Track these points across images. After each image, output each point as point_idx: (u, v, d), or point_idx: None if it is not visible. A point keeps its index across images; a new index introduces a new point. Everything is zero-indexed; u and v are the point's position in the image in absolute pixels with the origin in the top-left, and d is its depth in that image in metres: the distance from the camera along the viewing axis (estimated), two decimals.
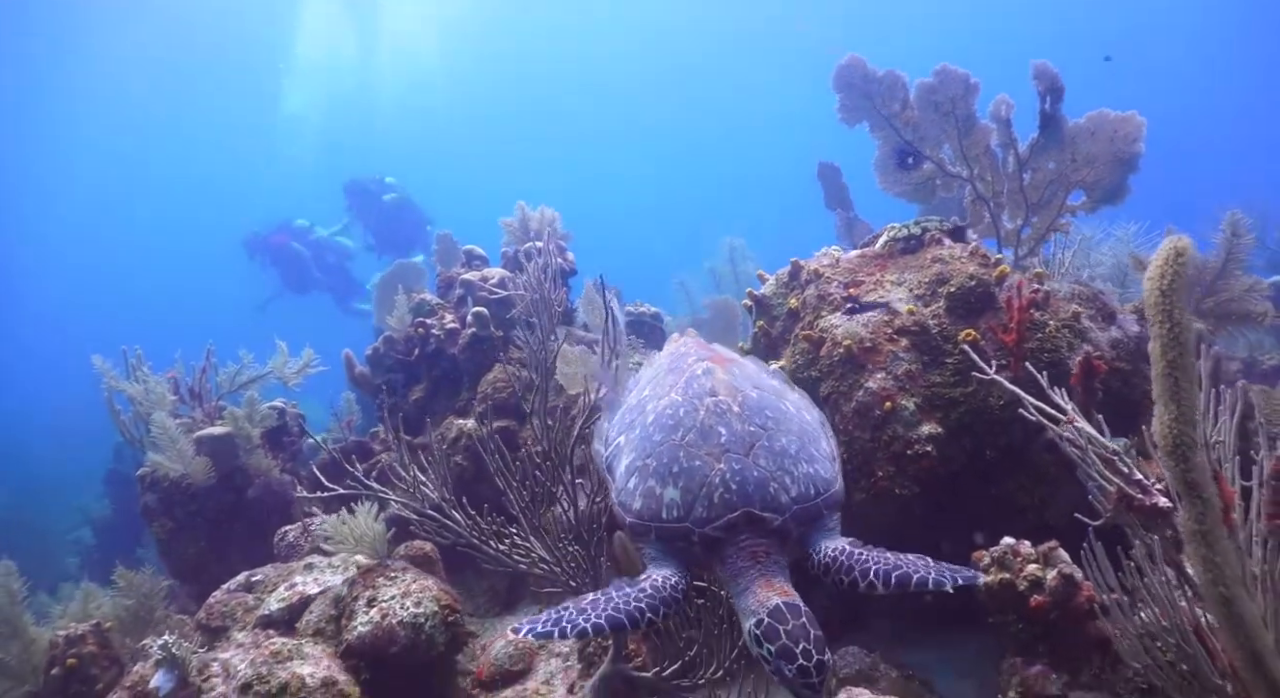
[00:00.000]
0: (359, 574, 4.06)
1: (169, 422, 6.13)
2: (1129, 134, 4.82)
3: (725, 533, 2.69)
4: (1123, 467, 2.93)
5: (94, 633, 4.86)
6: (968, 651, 4.20)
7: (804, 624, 2.38)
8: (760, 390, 3.10)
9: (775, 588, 2.56)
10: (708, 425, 2.89)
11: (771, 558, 2.65)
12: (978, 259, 4.48)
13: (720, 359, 3.31)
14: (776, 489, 2.71)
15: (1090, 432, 3.01)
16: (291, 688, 3.39)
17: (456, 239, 7.79)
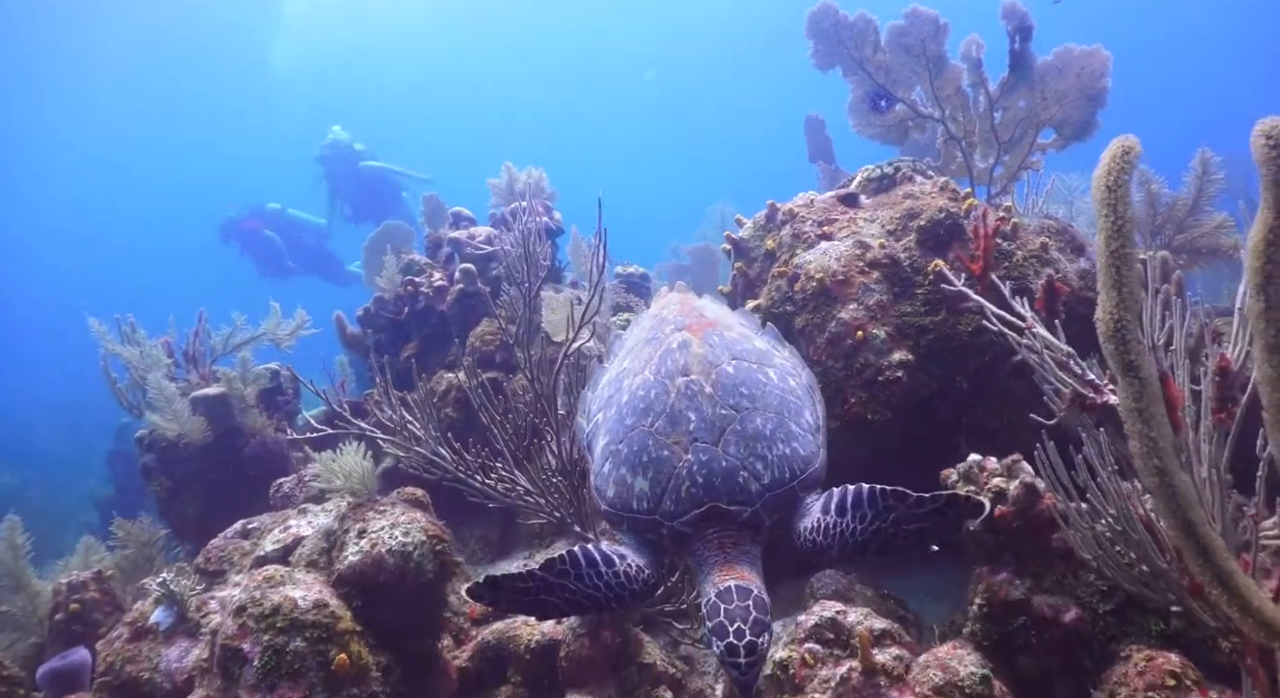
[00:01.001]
0: (349, 509, 4.18)
1: (165, 382, 6.25)
2: (1095, 69, 4.90)
3: (692, 528, 2.68)
4: (1076, 368, 3.03)
5: (95, 580, 4.99)
6: (946, 578, 4.33)
7: (746, 606, 2.39)
8: (739, 361, 3.01)
9: (734, 573, 2.56)
10: (677, 410, 2.84)
11: (740, 548, 2.64)
12: (948, 193, 4.58)
13: (699, 326, 3.24)
14: (746, 479, 2.67)
15: (1047, 336, 3.12)
16: (284, 610, 3.51)
17: (443, 200, 7.90)
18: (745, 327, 3.47)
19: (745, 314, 3.69)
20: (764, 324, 3.63)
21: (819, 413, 3.06)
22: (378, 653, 3.79)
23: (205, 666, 4.00)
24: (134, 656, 4.22)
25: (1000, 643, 3.41)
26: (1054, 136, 5.12)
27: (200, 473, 6.43)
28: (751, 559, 2.65)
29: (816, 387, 3.22)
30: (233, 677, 3.47)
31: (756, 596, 2.45)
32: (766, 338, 3.43)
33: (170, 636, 4.26)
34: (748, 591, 2.46)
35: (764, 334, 3.47)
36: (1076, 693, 3.32)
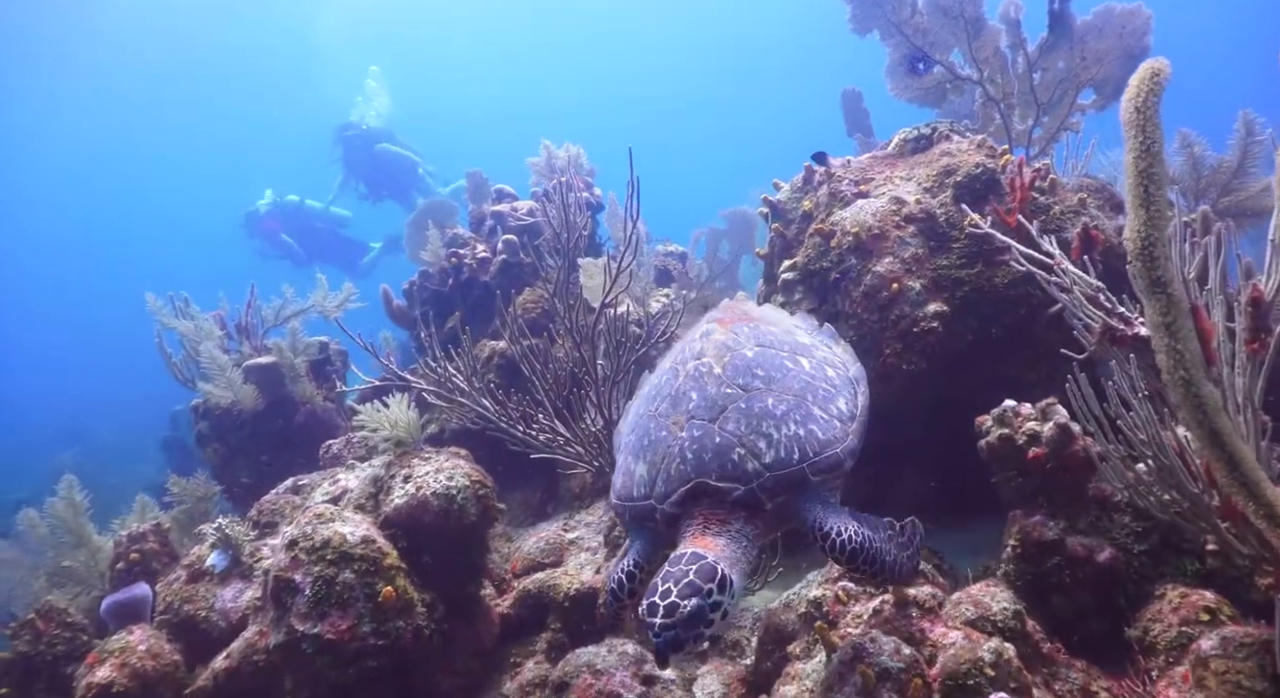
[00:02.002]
0: (395, 456, 4.32)
1: (217, 352, 6.48)
2: (1137, 28, 4.88)
3: (680, 508, 2.52)
4: (1106, 302, 3.06)
5: (154, 532, 5.19)
6: (983, 535, 4.33)
7: (687, 571, 2.22)
8: (764, 348, 2.88)
9: (700, 542, 2.41)
10: (681, 391, 2.72)
11: (726, 527, 2.46)
12: (985, 150, 4.59)
13: (733, 319, 3.13)
14: (743, 455, 2.49)
15: (1076, 272, 3.14)
16: (334, 543, 3.66)
17: (487, 177, 8.05)
18: (799, 328, 3.32)
19: (804, 317, 3.55)
20: (821, 325, 3.48)
21: (859, 405, 2.86)
22: (422, 591, 3.93)
23: (258, 604, 4.17)
24: (191, 596, 4.41)
25: (1033, 583, 3.44)
26: (1094, 97, 5.11)
27: (252, 439, 6.65)
28: (734, 538, 2.45)
29: (863, 381, 3.02)
30: (285, 606, 3.62)
31: (706, 564, 2.26)
32: (820, 336, 3.30)
33: (225, 578, 4.45)
34: (699, 557, 2.29)
35: (819, 333, 3.32)
36: (1110, 632, 3.34)
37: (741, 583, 2.41)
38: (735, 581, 2.33)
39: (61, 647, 4.79)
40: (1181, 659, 3.00)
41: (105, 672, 3.75)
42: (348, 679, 3.60)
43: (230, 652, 4.03)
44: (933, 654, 3.08)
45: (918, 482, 4.67)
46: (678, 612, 2.14)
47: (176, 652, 4.05)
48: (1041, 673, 3.13)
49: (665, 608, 2.15)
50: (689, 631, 2.15)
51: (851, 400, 2.85)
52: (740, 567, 2.42)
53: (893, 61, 5.48)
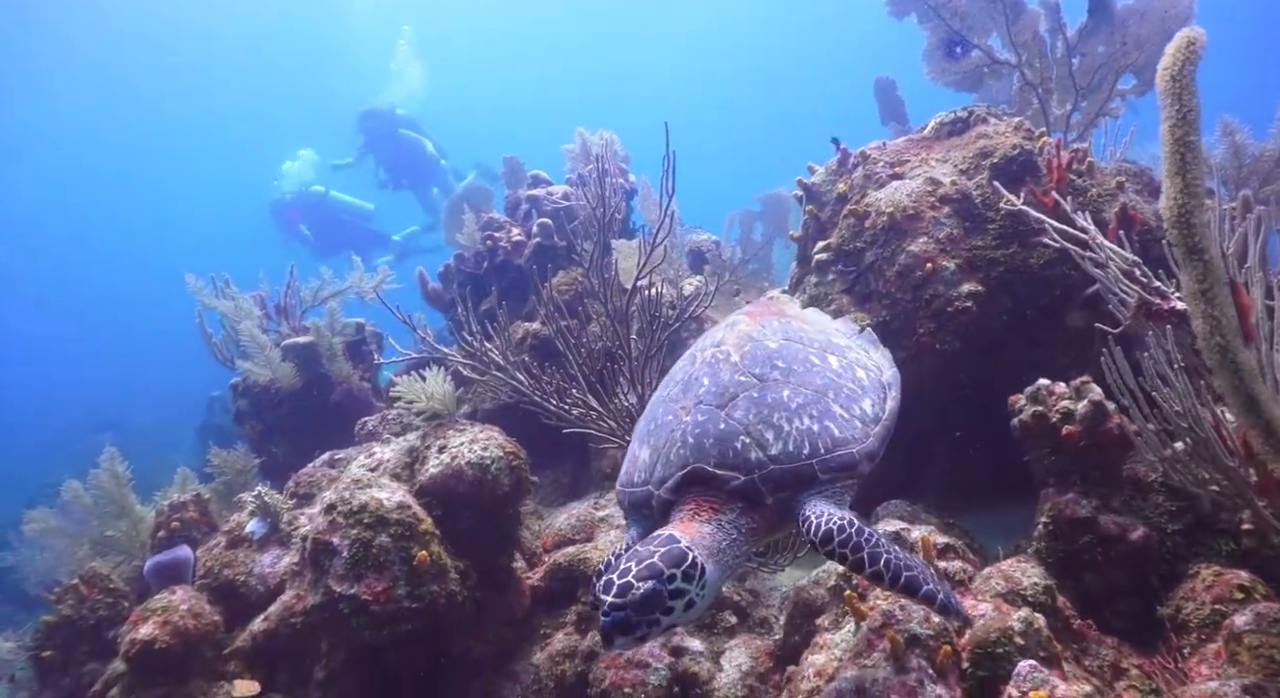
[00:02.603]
0: (430, 428, 4.40)
1: (257, 330, 6.60)
2: (1179, 13, 4.84)
3: (675, 495, 2.38)
4: (1143, 277, 3.05)
5: (195, 502, 5.31)
6: (1015, 517, 4.32)
7: (653, 552, 2.07)
8: (791, 343, 2.75)
9: (680, 526, 2.26)
10: (694, 377, 2.60)
11: (717, 515, 2.30)
12: (1022, 132, 4.58)
13: (763, 312, 3.02)
14: (746, 444, 2.34)
15: (1111, 247, 3.13)
16: (370, 508, 3.73)
17: (522, 162, 8.13)
18: (838, 330, 3.17)
19: (846, 322, 3.41)
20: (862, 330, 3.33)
21: (887, 409, 2.67)
22: (456, 559, 3.99)
23: (296, 569, 4.26)
24: (231, 561, 4.51)
25: (1065, 560, 3.44)
26: (1134, 82, 5.07)
27: (289, 417, 6.77)
28: (722, 528, 2.29)
29: (896, 387, 2.84)
30: (323, 568, 3.70)
31: (677, 548, 2.11)
32: (859, 340, 3.15)
33: (263, 544, 4.55)
34: (673, 539, 2.14)
35: (859, 337, 3.17)
36: (1142, 611, 3.33)
37: (719, 577, 2.24)
38: (710, 572, 2.16)
39: (104, 611, 4.93)
40: (1214, 636, 2.99)
41: (148, 629, 3.85)
42: (383, 641, 3.68)
43: (269, 614, 4.13)
44: (962, 627, 3.09)
45: (949, 464, 4.66)
46: (630, 593, 1.99)
47: (216, 613, 4.15)
48: (1071, 648, 3.12)
49: (619, 587, 2.01)
50: (642, 614, 1.99)
51: (879, 403, 2.67)
52: (721, 560, 2.25)
53: (930, 45, 5.47)
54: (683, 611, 2.08)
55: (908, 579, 2.27)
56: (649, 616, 2.02)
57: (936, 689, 2.77)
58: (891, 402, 2.73)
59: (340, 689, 3.90)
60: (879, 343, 3.21)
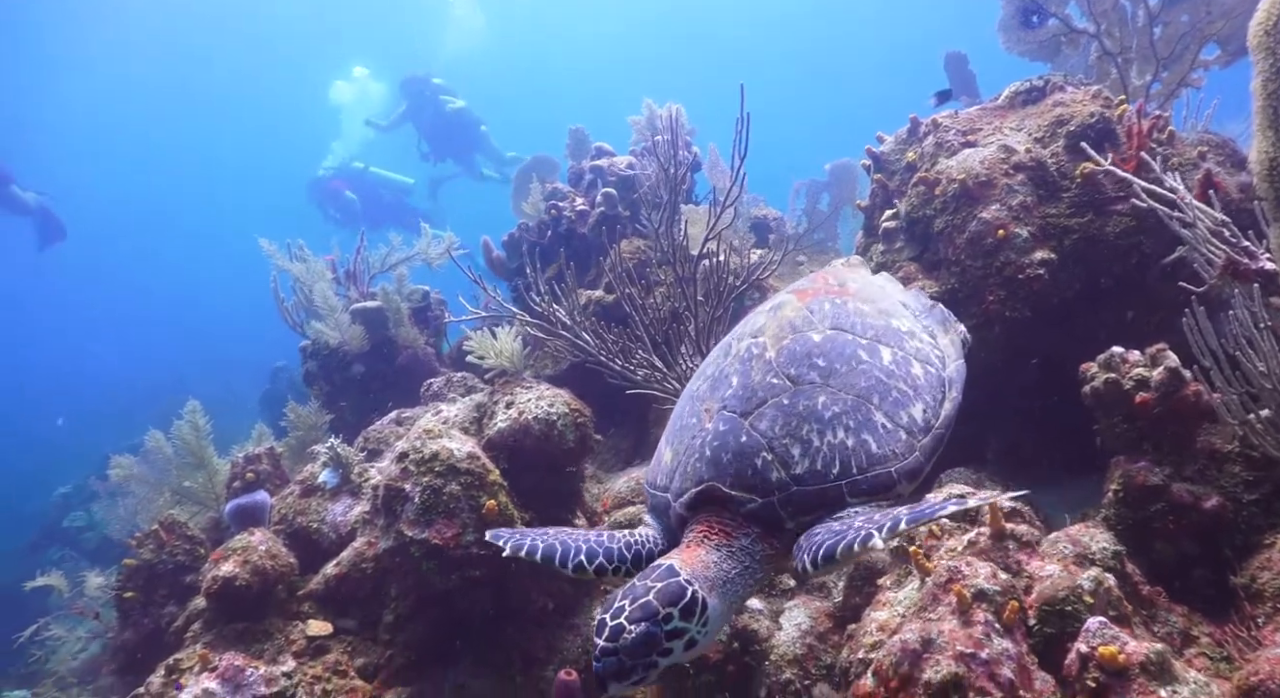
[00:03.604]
0: (498, 384, 4.50)
1: (330, 292, 6.78)
2: None
3: (688, 512, 2.26)
4: (1231, 237, 2.99)
5: (268, 455, 5.50)
6: (1081, 494, 4.27)
7: (649, 589, 1.96)
8: (841, 332, 2.51)
9: (683, 555, 2.13)
10: (724, 373, 2.43)
11: (729, 541, 2.16)
12: (1100, 100, 4.49)
13: (817, 291, 2.79)
14: (767, 462, 2.16)
15: (1200, 206, 3.08)
16: (441, 456, 3.84)
17: (588, 133, 8.19)
18: (905, 307, 2.94)
19: (916, 294, 3.16)
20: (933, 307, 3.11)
21: (943, 413, 2.46)
22: (522, 511, 4.08)
23: (366, 518, 4.39)
24: (304, 509, 4.67)
25: (1135, 528, 3.40)
26: (1218, 53, 4.93)
27: (356, 379, 6.94)
28: (732, 556, 2.14)
29: (958, 383, 2.61)
30: (395, 513, 3.81)
31: (674, 584, 1.98)
32: (927, 320, 2.92)
33: (335, 494, 4.69)
34: (672, 573, 2.01)
35: (928, 315, 2.95)
36: (1213, 581, 3.28)
37: (725, 610, 2.11)
38: (714, 606, 2.03)
39: (181, 557, 5.13)
40: None
41: (229, 567, 4.01)
42: (450, 586, 3.79)
43: (340, 560, 4.27)
44: (1029, 585, 3.08)
45: (1013, 436, 4.62)
46: (622, 636, 1.88)
47: (291, 556, 4.30)
48: (1140, 614, 3.09)
49: (611, 630, 1.90)
50: (636, 658, 1.89)
51: (932, 407, 2.43)
52: (729, 591, 2.11)
53: (1006, 14, 5.39)
54: (683, 650, 1.96)
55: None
56: (644, 658, 1.90)
57: (1003, 643, 2.77)
58: (949, 404, 2.49)
59: (408, 633, 4.03)
60: (950, 323, 2.97)
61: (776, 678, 3.73)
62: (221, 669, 3.71)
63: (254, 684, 3.71)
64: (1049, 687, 2.75)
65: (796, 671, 3.77)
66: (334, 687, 3.85)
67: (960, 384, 2.61)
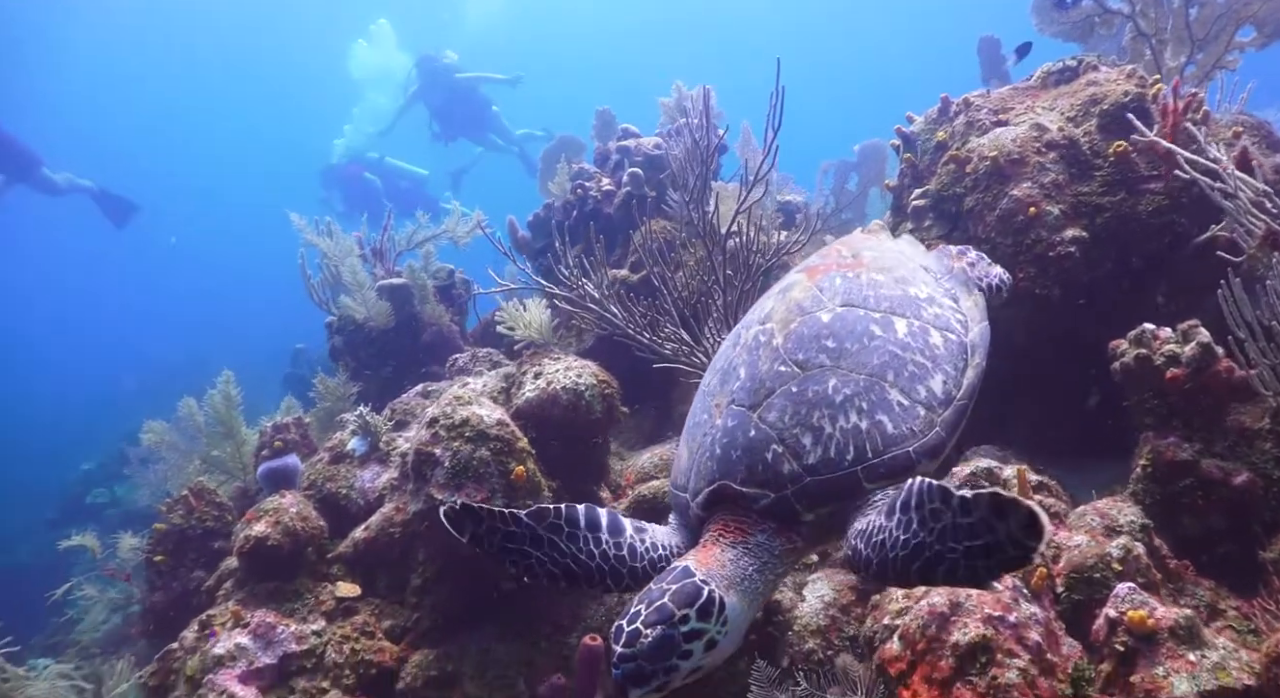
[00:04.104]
0: (526, 355, 4.54)
1: (359, 267, 6.84)
2: None
3: (705, 511, 2.21)
4: (1272, 208, 2.99)
5: (296, 424, 5.58)
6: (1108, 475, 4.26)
7: (664, 591, 1.91)
8: (852, 308, 2.38)
9: (698, 556, 2.07)
10: (733, 365, 2.36)
11: (746, 537, 2.09)
12: (1134, 80, 4.47)
13: (828, 267, 2.64)
14: (778, 455, 2.08)
15: (1242, 176, 3.07)
16: (471, 422, 3.88)
17: (614, 114, 8.21)
18: (925, 271, 2.78)
19: (940, 255, 3.00)
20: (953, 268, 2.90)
21: (965, 382, 2.31)
22: (549, 479, 4.12)
23: (395, 484, 4.45)
24: (333, 475, 4.73)
25: (1163, 503, 3.40)
26: (1254, 35, 4.90)
27: (381, 355, 7.01)
28: (749, 552, 2.07)
29: (981, 348, 2.45)
30: (425, 478, 3.86)
31: (690, 585, 1.93)
32: (949, 282, 2.76)
33: (364, 461, 4.76)
34: (687, 574, 1.96)
35: (949, 278, 2.79)
36: (1241, 556, 3.28)
37: (746, 608, 2.04)
38: (733, 605, 1.97)
39: (210, 523, 5.22)
40: None
41: (261, 527, 4.08)
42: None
43: (369, 524, 4.33)
44: (1056, 554, 3.10)
45: (1038, 417, 4.61)
46: (639, 641, 1.83)
47: (321, 519, 4.36)
48: (1168, 587, 3.10)
49: (628, 635, 1.85)
50: (655, 663, 1.83)
51: (953, 377, 2.28)
52: (749, 588, 2.05)
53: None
54: (703, 652, 1.89)
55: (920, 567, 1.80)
56: (664, 663, 1.84)
57: (1031, 608, 2.79)
58: (972, 372, 2.34)
59: (435, 597, 4.08)
60: (973, 284, 2.80)
61: (799, 648, 3.75)
62: (254, 625, 3.77)
63: (285, 641, 3.78)
64: (1076, 652, 2.78)
65: (819, 641, 3.79)
66: (362, 647, 3.91)
67: (984, 349, 2.45)
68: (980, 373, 2.36)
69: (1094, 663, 2.70)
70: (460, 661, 3.90)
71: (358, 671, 3.85)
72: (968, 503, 1.65)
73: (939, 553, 1.71)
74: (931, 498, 1.75)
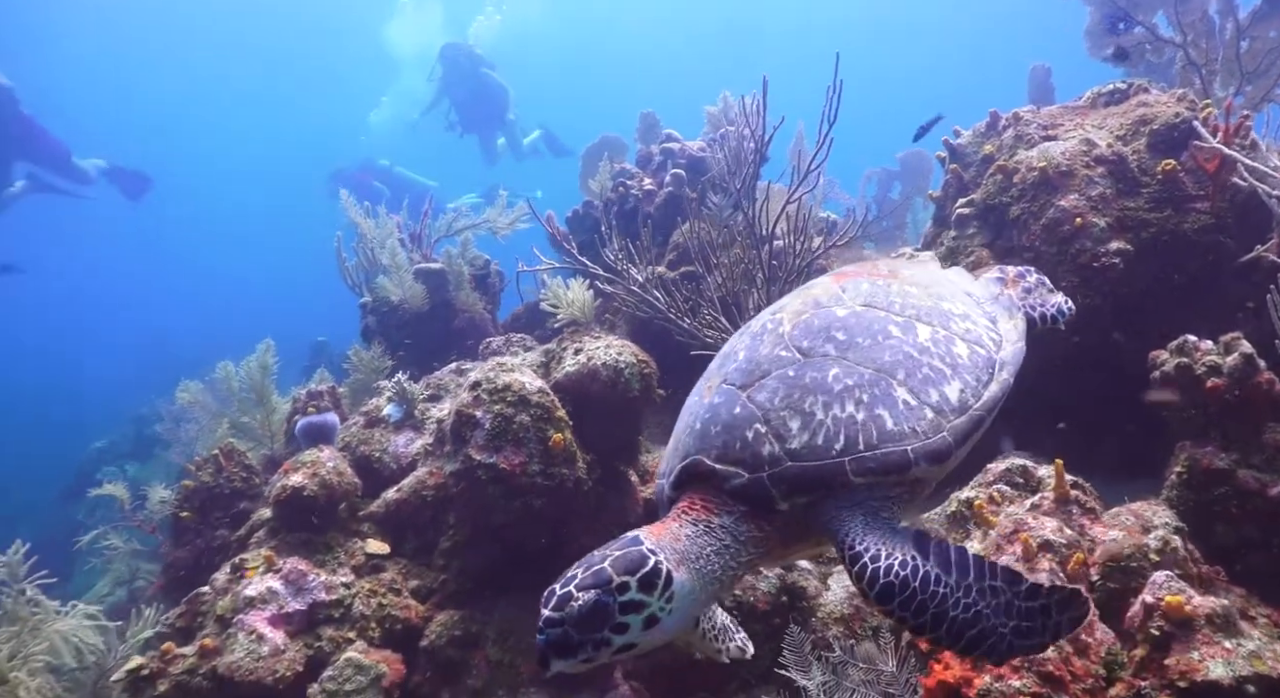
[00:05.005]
0: (567, 332, 4.61)
1: (399, 248, 6.95)
2: None
3: (676, 492, 2.03)
4: None
5: (330, 393, 5.65)
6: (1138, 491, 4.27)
7: (606, 556, 1.75)
8: (872, 309, 2.24)
9: (659, 527, 1.92)
10: (733, 349, 2.23)
11: (710, 517, 1.92)
12: (1185, 102, 4.54)
13: (860, 273, 2.53)
14: (759, 434, 1.92)
15: None
16: (513, 388, 3.94)
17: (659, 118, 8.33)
18: (966, 296, 2.58)
19: (989, 282, 2.81)
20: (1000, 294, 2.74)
21: (985, 396, 2.13)
22: (584, 451, 4.17)
23: (429, 450, 4.51)
24: (367, 439, 4.80)
25: (1197, 510, 3.41)
26: None
27: (414, 337, 7.09)
28: (709, 532, 1.91)
29: (1011, 366, 2.29)
30: (463, 439, 3.91)
31: (636, 552, 1.76)
32: (994, 306, 2.59)
33: (399, 427, 4.82)
34: (634, 542, 1.80)
35: (992, 302, 2.62)
36: (1272, 567, 3.29)
37: (697, 589, 1.85)
38: (682, 582, 1.80)
39: (238, 484, 5.28)
40: None
41: (298, 478, 4.13)
42: (510, 516, 3.87)
43: (402, 486, 4.39)
44: (1092, 547, 3.12)
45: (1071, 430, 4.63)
46: (569, 605, 1.66)
47: (355, 476, 4.42)
48: (1199, 589, 3.11)
49: (559, 598, 1.69)
50: (584, 633, 1.66)
51: (973, 387, 2.12)
52: (703, 568, 1.87)
53: (1093, 21, 5.46)
54: (641, 628, 1.71)
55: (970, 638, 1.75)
56: (594, 634, 1.67)
57: None
58: (996, 386, 2.18)
59: (462, 561, 4.13)
60: (1018, 310, 2.66)
61: (822, 634, 3.77)
62: (286, 571, 3.82)
63: (315, 589, 3.82)
64: (1109, 638, 2.79)
65: (842, 629, 3.82)
66: (389, 602, 3.95)
67: (1014, 368, 2.29)
68: (1006, 389, 2.20)
69: (1127, 649, 2.72)
70: (484, 624, 3.94)
71: (383, 625, 3.89)
72: (1036, 590, 1.75)
73: (993, 626, 1.73)
74: (994, 575, 1.78)
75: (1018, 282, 2.89)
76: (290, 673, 3.56)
